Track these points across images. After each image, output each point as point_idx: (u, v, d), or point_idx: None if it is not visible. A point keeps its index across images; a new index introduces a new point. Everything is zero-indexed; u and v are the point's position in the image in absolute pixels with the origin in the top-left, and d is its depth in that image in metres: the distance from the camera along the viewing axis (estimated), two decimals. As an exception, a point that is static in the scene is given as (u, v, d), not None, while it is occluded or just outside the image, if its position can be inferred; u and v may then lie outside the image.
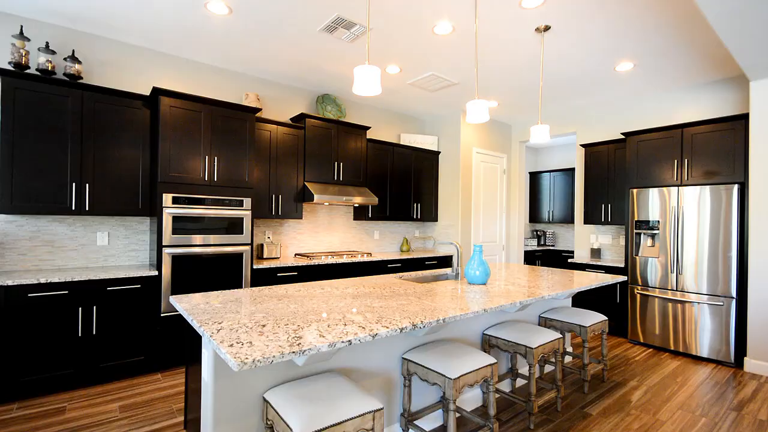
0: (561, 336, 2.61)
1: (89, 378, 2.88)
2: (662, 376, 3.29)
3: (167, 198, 3.15)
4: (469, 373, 1.96)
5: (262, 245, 4.08)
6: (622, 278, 3.16)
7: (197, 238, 3.29)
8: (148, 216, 3.36)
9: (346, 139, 4.56)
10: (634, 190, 4.20)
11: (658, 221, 4.00)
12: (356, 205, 4.75)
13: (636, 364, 3.57)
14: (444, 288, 2.57)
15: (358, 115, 5.17)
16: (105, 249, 3.37)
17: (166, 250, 3.14)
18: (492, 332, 2.64)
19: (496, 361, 2.11)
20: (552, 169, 7.76)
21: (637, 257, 4.15)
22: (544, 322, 3.15)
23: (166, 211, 3.14)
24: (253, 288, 2.43)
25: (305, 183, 4.22)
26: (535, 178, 7.69)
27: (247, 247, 3.56)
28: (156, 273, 3.11)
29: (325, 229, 4.82)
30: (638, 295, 4.12)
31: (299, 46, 3.52)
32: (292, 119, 4.38)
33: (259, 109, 3.63)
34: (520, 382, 3.09)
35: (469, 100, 4.99)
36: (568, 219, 7.09)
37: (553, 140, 7.38)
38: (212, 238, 3.37)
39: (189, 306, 1.91)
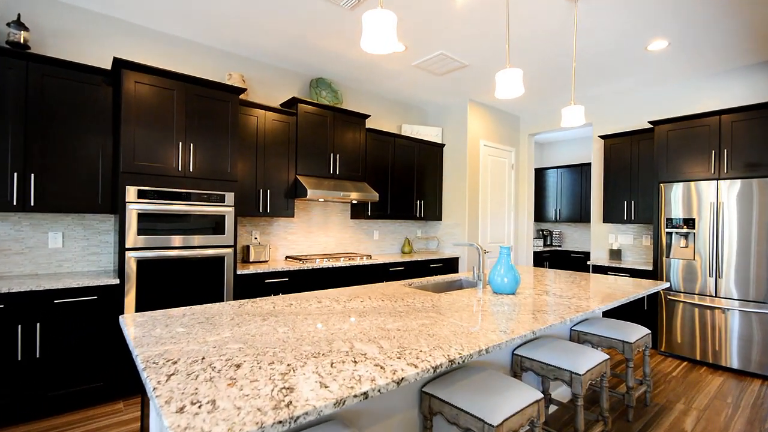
0: (607, 357, 2.16)
1: (32, 411, 2.35)
2: (709, 397, 2.87)
3: (131, 191, 2.64)
4: (513, 415, 1.50)
5: (248, 247, 3.58)
6: (665, 285, 2.73)
7: (169, 240, 2.78)
8: (110, 213, 2.84)
9: (343, 128, 4.07)
10: (664, 185, 3.78)
11: (693, 219, 3.59)
12: (354, 201, 4.27)
13: (675, 381, 3.15)
14: (467, 299, 2.11)
15: (355, 102, 4.68)
16: (59, 252, 2.84)
17: (130, 254, 2.62)
18: (524, 352, 2.18)
19: (543, 396, 1.65)
20: (559, 165, 7.37)
21: (667, 259, 3.74)
22: (577, 337, 2.70)
23: (129, 207, 2.63)
24: (233, 302, 1.94)
25: (297, 177, 3.73)
26: (540, 174, 7.28)
27: (230, 250, 3.06)
28: (117, 281, 2.59)
29: (320, 228, 4.33)
30: (671, 302, 3.71)
31: (290, 15, 3.03)
32: (282, 105, 3.89)
33: (244, 90, 3.13)
34: (551, 407, 2.64)
35: (477, 87, 4.54)
36: (577, 218, 6.69)
37: (560, 134, 6.98)
38: (187, 240, 2.86)
39: (140, 331, 1.41)
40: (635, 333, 2.55)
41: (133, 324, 1.51)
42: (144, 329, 1.44)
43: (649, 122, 3.88)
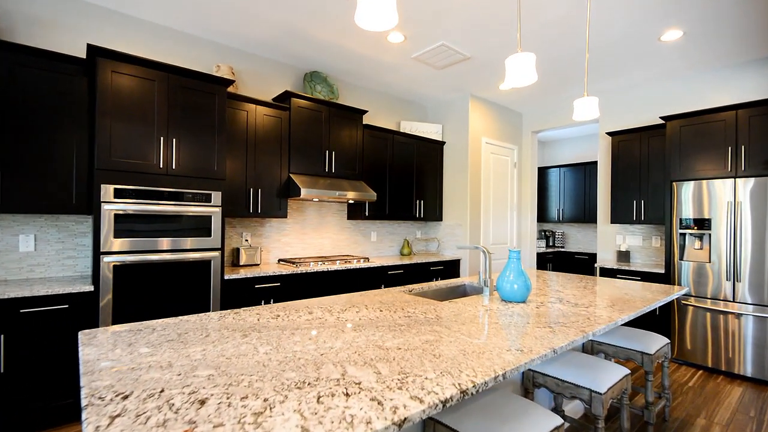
0: (628, 372, 1.97)
1: (-5, 431, 2.15)
2: (730, 410, 2.68)
3: (107, 190, 2.42)
4: (531, 447, 1.30)
5: (238, 250, 3.37)
6: (684, 290, 2.54)
7: (149, 243, 2.57)
8: (86, 214, 2.63)
9: (339, 124, 3.87)
10: (676, 184, 3.60)
11: (708, 219, 3.40)
12: (351, 201, 4.06)
13: (692, 392, 2.96)
14: (473, 308, 1.91)
15: (351, 98, 4.48)
16: (30, 256, 2.63)
17: (105, 258, 2.41)
18: (537, 367, 1.98)
19: (563, 421, 1.46)
20: (561, 164, 7.18)
21: (681, 262, 3.55)
22: (591, 347, 2.50)
23: (105, 206, 2.41)
24: (213, 314, 1.73)
25: (290, 175, 3.52)
26: (542, 173, 7.10)
27: (217, 253, 2.85)
28: (91, 288, 2.38)
29: (315, 229, 4.12)
30: (684, 307, 3.52)
31: (282, 3, 2.82)
32: (274, 99, 3.68)
33: (232, 81, 2.92)
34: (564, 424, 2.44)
35: (479, 82, 4.34)
36: (580, 218, 6.51)
37: (563, 132, 6.80)
38: (170, 243, 2.65)
39: (96, 352, 1.21)
40: (654, 343, 2.36)
41: (91, 342, 1.30)
42: (102, 349, 1.24)
43: (661, 117, 3.69)
